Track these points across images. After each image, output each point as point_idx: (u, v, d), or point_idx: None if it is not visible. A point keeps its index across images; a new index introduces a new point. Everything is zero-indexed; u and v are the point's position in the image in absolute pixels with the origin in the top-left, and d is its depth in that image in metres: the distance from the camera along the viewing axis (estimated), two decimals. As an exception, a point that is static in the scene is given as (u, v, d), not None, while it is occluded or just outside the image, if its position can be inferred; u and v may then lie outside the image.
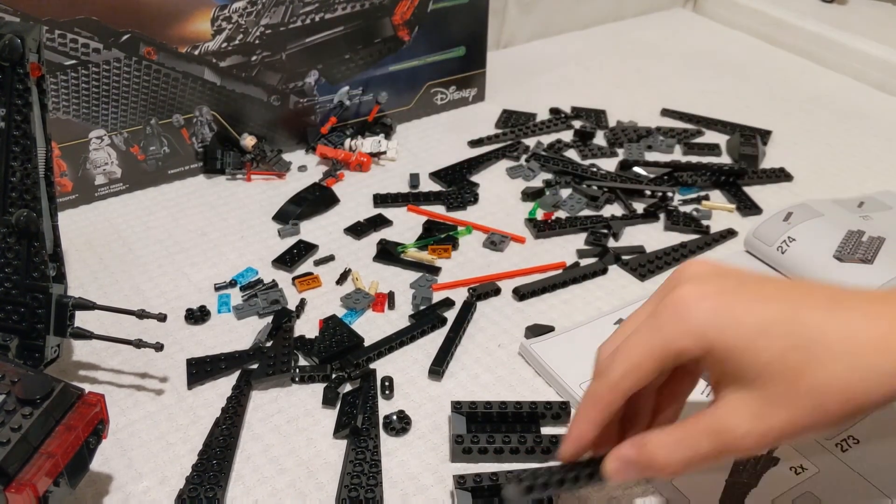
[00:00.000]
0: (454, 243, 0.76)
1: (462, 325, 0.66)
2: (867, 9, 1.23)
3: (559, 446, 0.43)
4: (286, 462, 0.56)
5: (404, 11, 0.88)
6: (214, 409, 0.59)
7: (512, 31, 1.17)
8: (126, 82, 0.78)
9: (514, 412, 0.58)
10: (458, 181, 0.85)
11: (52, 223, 0.55)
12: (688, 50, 1.17)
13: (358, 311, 0.68)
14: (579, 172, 0.85)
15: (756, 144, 0.88)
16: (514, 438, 0.56)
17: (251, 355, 0.63)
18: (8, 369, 0.47)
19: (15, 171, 0.53)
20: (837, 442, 0.55)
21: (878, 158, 0.91)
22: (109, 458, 0.55)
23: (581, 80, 1.08)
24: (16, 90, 0.51)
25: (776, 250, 0.70)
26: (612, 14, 1.25)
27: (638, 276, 0.72)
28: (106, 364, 0.63)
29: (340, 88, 0.89)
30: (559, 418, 0.58)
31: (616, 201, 0.82)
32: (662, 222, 0.79)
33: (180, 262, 0.74)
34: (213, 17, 0.79)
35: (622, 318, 0.66)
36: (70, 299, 0.56)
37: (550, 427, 0.58)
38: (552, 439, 0.56)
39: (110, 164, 0.81)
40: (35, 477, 0.43)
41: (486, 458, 0.55)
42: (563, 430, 0.57)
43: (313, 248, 0.75)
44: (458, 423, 0.57)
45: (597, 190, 0.82)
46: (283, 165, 0.86)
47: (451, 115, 0.98)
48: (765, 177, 0.86)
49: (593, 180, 0.83)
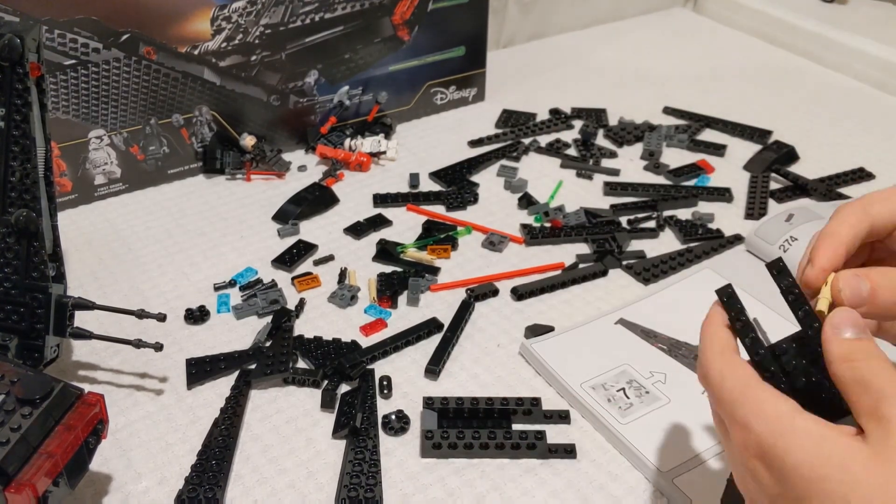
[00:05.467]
0: (453, 243, 0.76)
1: (459, 326, 0.66)
2: (867, 9, 1.23)
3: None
4: (285, 462, 0.56)
5: (404, 11, 0.88)
6: (214, 410, 0.59)
7: (512, 31, 1.17)
8: (126, 82, 0.77)
9: (485, 408, 0.58)
10: (458, 181, 0.85)
11: (52, 223, 0.55)
12: (688, 50, 1.17)
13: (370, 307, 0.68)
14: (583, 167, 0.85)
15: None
16: (483, 434, 0.56)
17: (251, 355, 0.63)
18: (7, 369, 0.47)
19: (14, 170, 0.52)
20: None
21: (878, 159, 0.91)
22: (109, 458, 0.55)
23: (581, 80, 1.08)
24: (15, 90, 0.51)
25: (779, 249, 0.70)
26: (612, 14, 1.25)
27: (642, 280, 0.72)
28: (105, 364, 0.63)
29: (340, 88, 0.89)
30: (530, 414, 0.58)
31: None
32: (670, 234, 0.79)
33: (180, 262, 0.74)
34: (213, 16, 0.79)
35: (623, 318, 0.66)
36: (70, 299, 0.56)
37: (521, 423, 0.58)
38: (522, 435, 0.56)
39: (110, 163, 0.80)
40: (34, 477, 0.43)
41: (456, 453, 0.56)
42: (534, 427, 0.58)
43: (313, 247, 0.75)
44: (428, 419, 0.57)
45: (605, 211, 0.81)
46: (283, 165, 0.86)
47: (451, 115, 0.98)
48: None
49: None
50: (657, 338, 0.64)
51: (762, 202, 0.82)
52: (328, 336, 0.65)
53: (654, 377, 0.61)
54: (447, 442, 0.55)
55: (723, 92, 1.05)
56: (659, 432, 0.56)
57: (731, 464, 0.41)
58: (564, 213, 0.80)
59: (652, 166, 0.88)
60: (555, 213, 0.80)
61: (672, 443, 0.55)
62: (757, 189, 0.84)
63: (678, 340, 0.64)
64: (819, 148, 0.93)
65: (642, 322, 0.66)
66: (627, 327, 0.65)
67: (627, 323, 0.66)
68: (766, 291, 0.68)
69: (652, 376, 0.61)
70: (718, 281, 0.70)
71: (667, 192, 0.83)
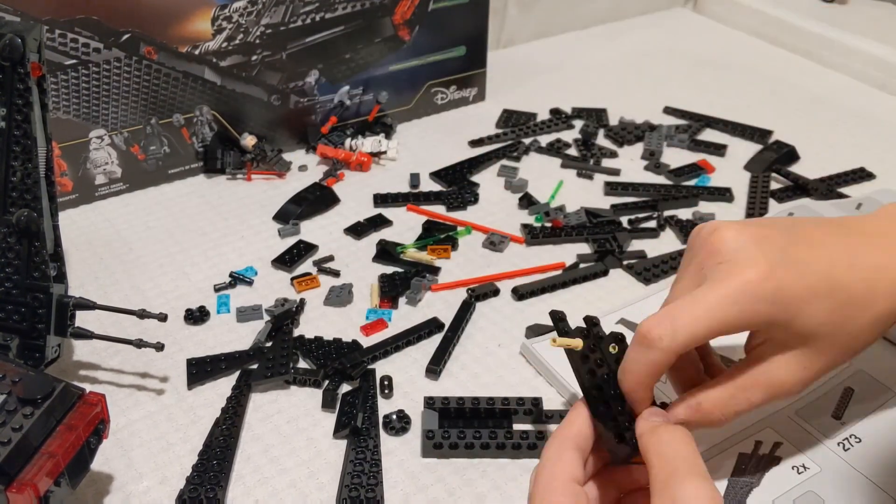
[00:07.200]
0: (453, 243, 0.76)
1: (460, 325, 0.66)
2: (867, 9, 1.23)
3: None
4: (286, 462, 0.56)
5: (404, 11, 0.88)
6: (214, 410, 0.59)
7: (512, 31, 1.17)
8: (126, 82, 0.77)
9: (486, 408, 0.58)
10: (459, 181, 0.85)
11: (53, 223, 0.55)
12: (688, 49, 1.17)
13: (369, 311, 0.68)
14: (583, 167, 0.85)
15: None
16: (485, 434, 0.56)
17: (251, 355, 0.63)
18: (9, 369, 0.47)
19: (15, 170, 0.53)
20: (839, 441, 0.55)
21: (878, 159, 0.91)
22: (110, 458, 0.55)
23: (581, 80, 1.08)
24: (16, 90, 0.51)
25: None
26: (612, 14, 1.25)
27: (642, 280, 0.72)
28: (106, 364, 0.63)
29: (341, 88, 0.89)
30: (531, 414, 0.58)
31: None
32: (671, 234, 0.79)
33: (180, 262, 0.74)
34: (214, 16, 0.79)
35: (624, 318, 0.66)
36: (70, 299, 0.56)
37: (522, 423, 0.58)
38: (523, 435, 0.56)
39: (110, 163, 0.80)
40: (36, 477, 0.43)
41: (457, 453, 0.56)
42: (535, 427, 0.58)
43: (313, 248, 0.75)
44: (429, 419, 0.57)
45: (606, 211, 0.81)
46: (284, 165, 0.86)
47: (451, 115, 0.98)
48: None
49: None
50: (658, 338, 0.64)
51: (763, 202, 0.82)
52: (329, 336, 0.65)
53: (655, 377, 0.60)
54: (448, 442, 0.56)
55: (723, 92, 1.05)
56: (660, 432, 0.56)
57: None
58: (565, 213, 0.80)
59: (652, 166, 0.88)
60: (555, 213, 0.80)
61: (673, 442, 0.55)
62: (757, 189, 0.84)
63: (679, 340, 0.64)
64: (819, 148, 0.93)
65: (643, 322, 0.66)
66: (628, 327, 0.65)
67: (628, 323, 0.66)
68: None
69: (653, 376, 0.61)
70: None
71: (667, 191, 0.83)
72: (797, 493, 0.52)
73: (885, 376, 0.60)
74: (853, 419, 0.57)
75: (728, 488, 0.52)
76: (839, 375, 0.60)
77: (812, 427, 0.56)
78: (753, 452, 0.55)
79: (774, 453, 0.54)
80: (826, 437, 0.56)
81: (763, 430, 0.56)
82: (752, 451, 0.55)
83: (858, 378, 0.60)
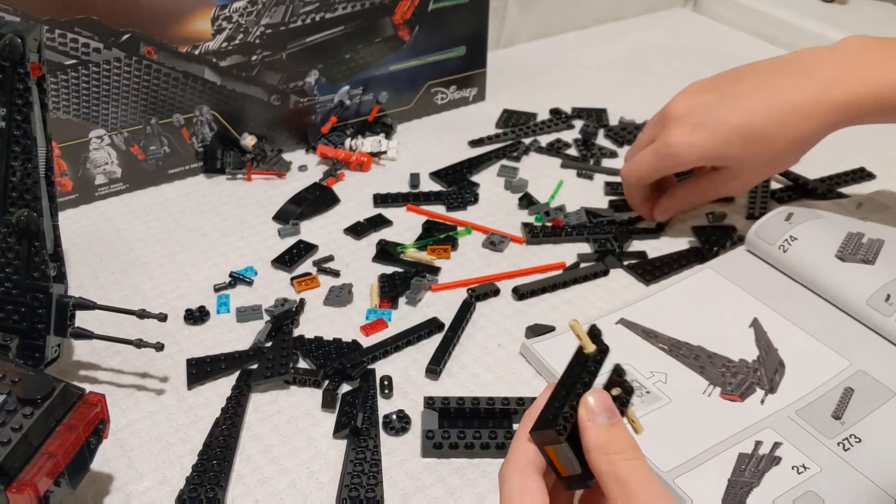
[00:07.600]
0: (453, 243, 0.76)
1: (460, 325, 0.66)
2: (867, 9, 1.23)
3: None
4: (286, 462, 0.56)
5: (404, 11, 0.88)
6: (214, 410, 0.59)
7: (512, 31, 1.17)
8: (126, 82, 0.77)
9: (486, 408, 0.58)
10: (459, 181, 0.85)
11: (53, 223, 0.55)
12: (688, 50, 1.17)
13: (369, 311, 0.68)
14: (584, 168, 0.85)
15: None
16: (485, 434, 0.56)
17: (251, 356, 0.63)
18: (8, 369, 0.47)
19: (15, 170, 0.53)
20: (839, 441, 0.55)
21: (878, 159, 0.91)
22: (110, 458, 0.55)
23: (581, 80, 1.08)
24: (16, 90, 0.51)
25: (778, 249, 0.70)
26: (612, 14, 1.25)
27: (643, 280, 0.72)
28: (106, 364, 0.63)
29: (341, 88, 0.89)
30: None
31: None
32: (671, 233, 0.79)
33: (180, 262, 0.74)
34: (214, 16, 0.79)
35: (623, 318, 0.66)
36: (70, 299, 0.56)
37: None
38: None
39: (110, 163, 0.80)
40: (36, 477, 0.43)
41: (457, 453, 0.56)
42: None
43: (313, 248, 0.75)
44: (429, 419, 0.57)
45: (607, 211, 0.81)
46: (284, 165, 0.86)
47: (451, 115, 0.98)
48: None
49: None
50: (658, 338, 0.64)
51: (763, 202, 0.82)
52: (329, 336, 0.65)
53: (655, 377, 0.61)
54: (448, 442, 0.55)
55: (723, 92, 1.05)
56: (659, 432, 0.56)
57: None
58: (565, 212, 0.80)
59: (652, 166, 0.88)
60: (555, 213, 0.80)
61: (672, 443, 0.55)
62: (758, 189, 0.83)
63: (679, 340, 0.64)
64: (819, 148, 0.93)
65: (643, 322, 0.66)
66: (628, 327, 0.66)
67: (628, 323, 0.66)
68: (766, 291, 0.69)
69: (653, 376, 0.61)
70: (720, 281, 0.70)
71: None
72: (797, 493, 0.52)
73: (885, 376, 0.60)
74: (853, 419, 0.57)
75: (728, 488, 0.52)
76: (839, 375, 0.60)
77: (812, 427, 0.56)
78: (753, 452, 0.55)
79: (774, 453, 0.54)
80: (826, 437, 0.56)
81: (763, 430, 0.56)
82: (752, 451, 0.55)
83: (858, 378, 0.60)
